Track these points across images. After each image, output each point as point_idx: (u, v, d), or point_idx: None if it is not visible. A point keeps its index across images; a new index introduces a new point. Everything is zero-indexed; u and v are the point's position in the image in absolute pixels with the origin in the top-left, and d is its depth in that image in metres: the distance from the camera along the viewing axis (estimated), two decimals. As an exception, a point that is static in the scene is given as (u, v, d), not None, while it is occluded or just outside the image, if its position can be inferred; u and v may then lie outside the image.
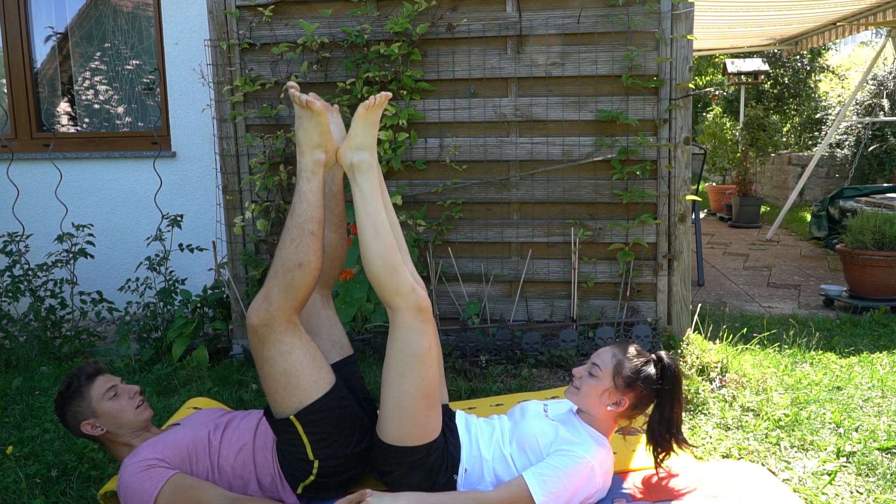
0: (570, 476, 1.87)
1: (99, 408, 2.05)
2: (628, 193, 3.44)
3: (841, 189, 6.65)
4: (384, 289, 1.96)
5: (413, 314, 1.94)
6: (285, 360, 1.92)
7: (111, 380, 2.12)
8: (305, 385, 1.94)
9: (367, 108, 2.03)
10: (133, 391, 2.13)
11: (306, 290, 1.95)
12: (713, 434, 2.60)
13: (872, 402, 2.86)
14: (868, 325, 3.97)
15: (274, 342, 1.92)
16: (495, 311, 3.63)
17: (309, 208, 1.98)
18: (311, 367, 1.95)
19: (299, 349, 1.94)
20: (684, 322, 3.51)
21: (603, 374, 2.00)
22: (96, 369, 2.14)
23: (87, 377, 2.10)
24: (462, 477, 2.00)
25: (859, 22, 6.11)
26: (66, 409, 2.08)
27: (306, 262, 1.93)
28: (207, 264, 4.08)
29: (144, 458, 1.93)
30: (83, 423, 2.06)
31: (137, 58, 4.75)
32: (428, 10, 3.44)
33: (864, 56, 12.29)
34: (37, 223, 4.40)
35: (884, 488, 2.17)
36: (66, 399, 2.08)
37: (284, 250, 1.95)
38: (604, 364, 2.01)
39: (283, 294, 1.92)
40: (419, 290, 1.98)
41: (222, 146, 3.66)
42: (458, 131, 3.56)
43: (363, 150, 2.06)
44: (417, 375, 1.93)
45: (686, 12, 3.33)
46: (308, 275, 1.94)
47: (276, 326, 1.92)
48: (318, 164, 2.02)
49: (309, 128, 2.03)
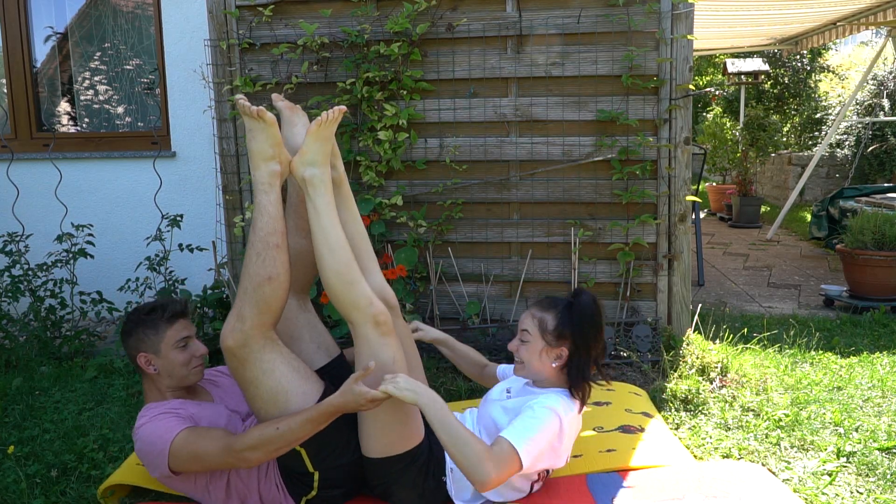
0: (541, 427, 1.90)
1: (164, 349, 2.05)
2: (628, 193, 3.44)
3: (841, 189, 6.64)
4: (340, 303, 1.95)
5: (371, 328, 1.93)
6: (269, 378, 1.88)
7: (189, 328, 2.12)
8: (295, 399, 1.89)
9: (319, 125, 2.00)
10: (200, 351, 2.12)
11: (279, 304, 1.91)
12: (713, 434, 2.60)
13: (872, 402, 2.86)
14: (868, 325, 3.96)
15: (254, 361, 1.87)
16: (495, 311, 3.63)
17: (270, 221, 1.93)
18: (297, 379, 1.91)
19: (282, 364, 1.90)
20: (684, 322, 3.51)
21: (533, 337, 2.03)
22: (183, 310, 2.13)
23: (172, 315, 2.08)
24: (449, 477, 2.01)
25: (859, 22, 6.11)
26: (135, 332, 2.07)
27: (275, 275, 1.88)
28: (207, 264, 4.08)
29: (163, 404, 1.98)
30: (141, 353, 2.05)
31: (137, 58, 4.75)
32: (428, 10, 3.44)
33: (864, 56, 12.29)
34: (37, 223, 4.40)
35: (884, 488, 2.17)
36: (140, 323, 2.07)
37: (251, 266, 1.89)
38: (530, 328, 2.04)
39: (255, 311, 1.86)
40: (376, 303, 1.95)
41: (222, 146, 3.66)
42: (458, 131, 3.56)
43: (314, 165, 2.02)
44: None
45: (686, 12, 3.33)
46: (279, 287, 1.89)
47: (254, 345, 1.86)
48: (274, 175, 1.98)
49: (261, 139, 1.97)
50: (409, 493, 1.99)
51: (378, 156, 3.56)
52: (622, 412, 2.64)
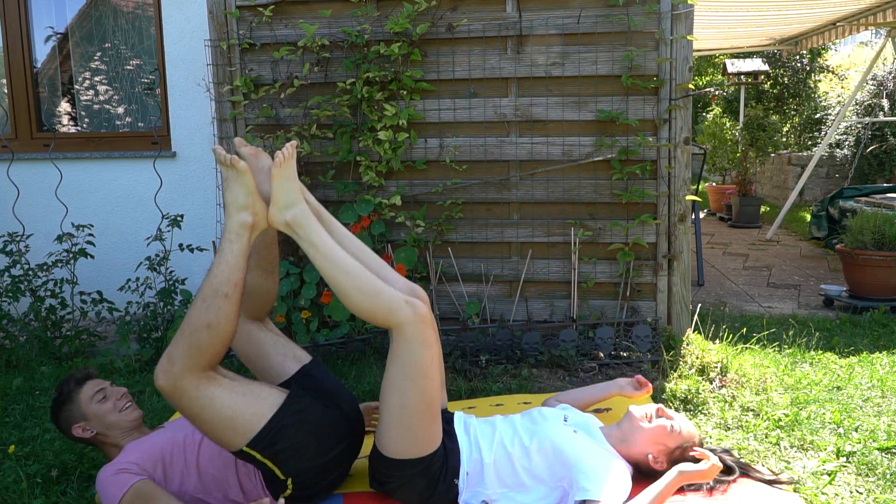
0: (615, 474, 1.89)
1: (88, 410, 2.11)
2: (628, 193, 3.44)
3: (841, 189, 6.64)
4: (377, 317, 1.92)
5: (415, 327, 1.89)
6: (210, 410, 1.84)
7: (100, 384, 2.18)
8: (243, 420, 1.86)
9: (278, 167, 1.96)
10: (120, 393, 2.18)
11: (214, 352, 1.85)
12: (713, 434, 2.60)
13: (872, 402, 2.86)
14: (868, 325, 3.97)
15: (191, 399, 1.83)
16: (495, 311, 3.63)
17: (227, 270, 1.88)
18: (244, 402, 1.87)
19: (222, 395, 1.85)
20: (684, 322, 3.51)
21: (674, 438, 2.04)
22: (86, 374, 2.19)
23: (76, 382, 2.16)
24: (463, 480, 2.00)
25: (859, 22, 6.11)
26: (59, 415, 2.15)
27: (215, 323, 1.83)
28: (207, 264, 4.05)
29: (118, 461, 1.99)
30: (74, 426, 2.12)
31: (137, 58, 4.75)
32: (428, 10, 3.44)
33: (864, 56, 12.28)
34: (37, 223, 4.40)
35: (884, 488, 2.17)
36: (59, 405, 2.15)
37: (194, 310, 1.85)
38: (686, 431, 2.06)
39: (187, 354, 1.81)
40: (412, 299, 1.92)
41: (222, 146, 3.66)
42: (458, 131, 3.56)
43: (290, 206, 1.97)
44: (419, 389, 1.90)
45: (686, 12, 3.33)
46: (216, 336, 1.84)
47: (185, 385, 1.81)
48: (244, 226, 1.94)
49: (235, 188, 1.94)
50: (415, 497, 1.98)
51: (378, 156, 3.56)
52: (623, 413, 2.64)
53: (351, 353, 3.44)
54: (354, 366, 3.33)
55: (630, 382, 2.42)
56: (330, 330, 3.52)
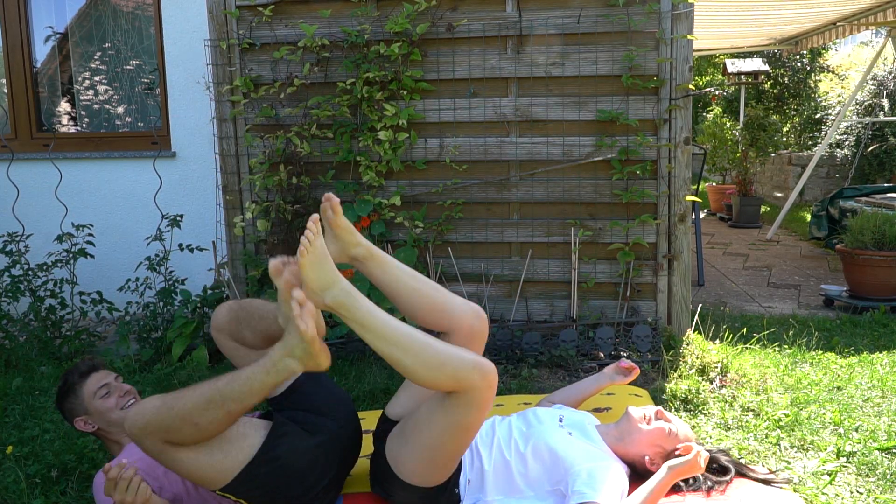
0: (611, 475, 1.88)
1: (90, 405, 2.08)
2: (628, 193, 3.44)
3: (841, 189, 6.64)
4: (442, 387, 1.77)
5: (480, 393, 1.76)
6: (174, 467, 1.77)
7: (105, 377, 2.14)
8: (211, 476, 1.78)
9: (303, 256, 1.77)
10: (125, 390, 2.14)
11: (185, 442, 1.75)
12: (713, 434, 2.60)
13: (872, 402, 2.86)
14: (868, 325, 3.96)
15: (154, 454, 1.75)
16: (495, 311, 3.63)
17: (245, 392, 1.74)
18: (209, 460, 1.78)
19: (187, 456, 1.76)
20: (684, 322, 3.51)
21: (671, 441, 2.02)
22: (91, 366, 2.15)
23: (80, 374, 2.12)
24: (464, 488, 1.99)
25: (859, 22, 6.11)
26: (63, 406, 2.12)
27: (203, 426, 1.73)
28: (207, 264, 4.08)
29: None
30: (76, 419, 2.10)
31: (137, 58, 4.75)
32: (428, 10, 3.44)
33: (864, 56, 12.28)
34: (37, 223, 4.40)
35: (884, 488, 2.17)
36: (63, 395, 2.12)
37: (192, 399, 1.71)
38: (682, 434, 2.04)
39: (159, 427, 1.70)
40: (480, 363, 1.74)
41: (222, 146, 3.66)
42: (458, 131, 3.56)
43: (327, 288, 1.79)
44: (458, 441, 1.84)
45: (686, 12, 3.33)
46: (197, 435, 1.74)
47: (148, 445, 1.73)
48: (288, 371, 1.77)
49: (294, 338, 1.75)
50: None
51: (378, 156, 3.56)
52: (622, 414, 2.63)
53: (351, 354, 3.44)
54: (354, 366, 3.33)
55: (615, 370, 2.37)
56: (330, 329, 3.52)
